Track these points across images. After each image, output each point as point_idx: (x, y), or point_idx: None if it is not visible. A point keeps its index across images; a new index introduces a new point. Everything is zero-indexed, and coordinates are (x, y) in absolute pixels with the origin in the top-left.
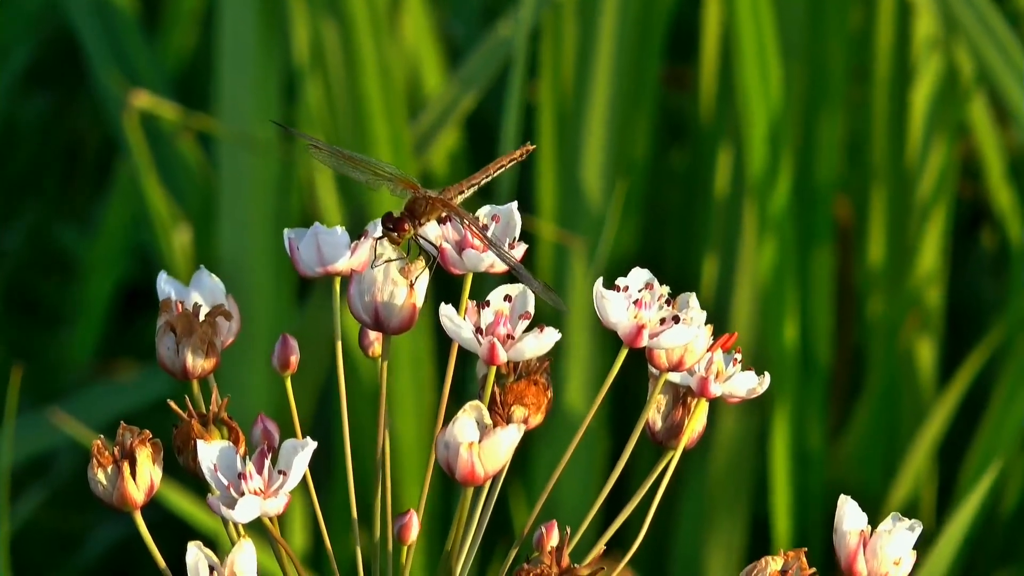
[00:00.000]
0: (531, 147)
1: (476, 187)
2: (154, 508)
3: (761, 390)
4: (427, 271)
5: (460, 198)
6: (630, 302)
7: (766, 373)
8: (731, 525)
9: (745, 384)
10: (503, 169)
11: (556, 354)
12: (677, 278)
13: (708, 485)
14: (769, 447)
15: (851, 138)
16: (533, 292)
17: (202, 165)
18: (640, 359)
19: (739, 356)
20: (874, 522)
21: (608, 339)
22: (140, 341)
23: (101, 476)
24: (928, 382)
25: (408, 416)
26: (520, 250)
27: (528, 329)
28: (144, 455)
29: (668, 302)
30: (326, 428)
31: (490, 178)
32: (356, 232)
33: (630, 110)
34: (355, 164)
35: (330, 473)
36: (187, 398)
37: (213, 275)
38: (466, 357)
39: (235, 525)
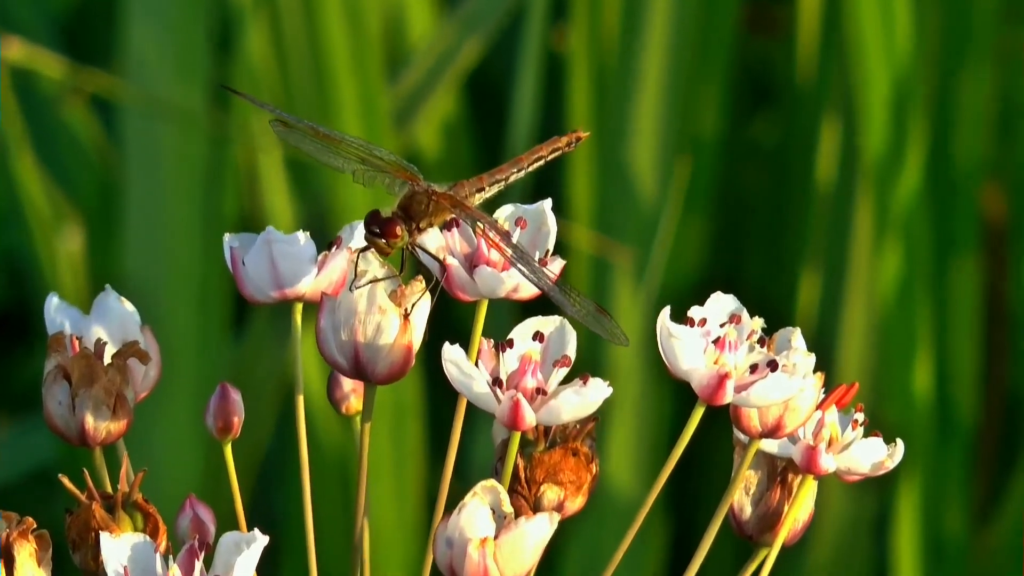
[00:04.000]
0: (583, 134)
1: (502, 185)
2: None
3: (892, 464)
4: (428, 296)
5: (478, 198)
6: (708, 341)
7: (899, 441)
8: None
9: (870, 455)
10: (542, 163)
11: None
12: (761, 302)
13: None
14: (891, 535)
15: (1004, 104)
16: (580, 321)
17: (99, 142)
18: (715, 415)
19: (861, 416)
20: None
21: (668, 388)
22: (11, 385)
23: None
24: None
25: (385, 497)
26: (556, 266)
27: (567, 380)
28: (25, 553)
29: (761, 341)
30: (269, 512)
31: (523, 173)
32: (323, 240)
33: (697, 66)
34: (336, 147)
35: None
36: (85, 471)
37: (123, 299)
38: (475, 415)
39: None
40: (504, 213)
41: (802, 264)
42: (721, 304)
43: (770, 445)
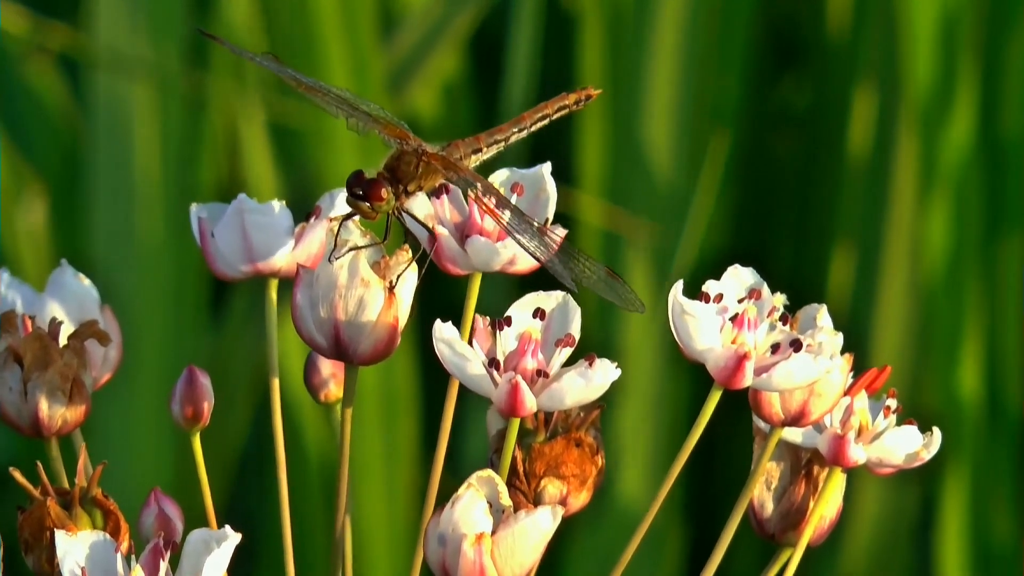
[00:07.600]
0: (594, 92)
1: (502, 146)
2: None
3: (928, 455)
4: (415, 268)
5: (474, 160)
6: (725, 318)
7: (935, 429)
8: None
9: (904, 445)
10: (547, 121)
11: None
12: (791, 279)
13: None
14: (934, 537)
15: None
16: (591, 289)
17: (65, 104)
18: (734, 401)
19: (894, 402)
20: None
21: (682, 370)
22: None
23: None
24: None
25: (374, 494)
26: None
27: (570, 361)
28: None
29: (784, 319)
30: (246, 509)
31: (526, 133)
32: (302, 211)
33: (718, 23)
34: (321, 99)
35: None
36: (39, 464)
37: (81, 275)
38: (470, 401)
39: None
40: (499, 178)
41: (834, 240)
42: (739, 278)
43: (794, 434)
